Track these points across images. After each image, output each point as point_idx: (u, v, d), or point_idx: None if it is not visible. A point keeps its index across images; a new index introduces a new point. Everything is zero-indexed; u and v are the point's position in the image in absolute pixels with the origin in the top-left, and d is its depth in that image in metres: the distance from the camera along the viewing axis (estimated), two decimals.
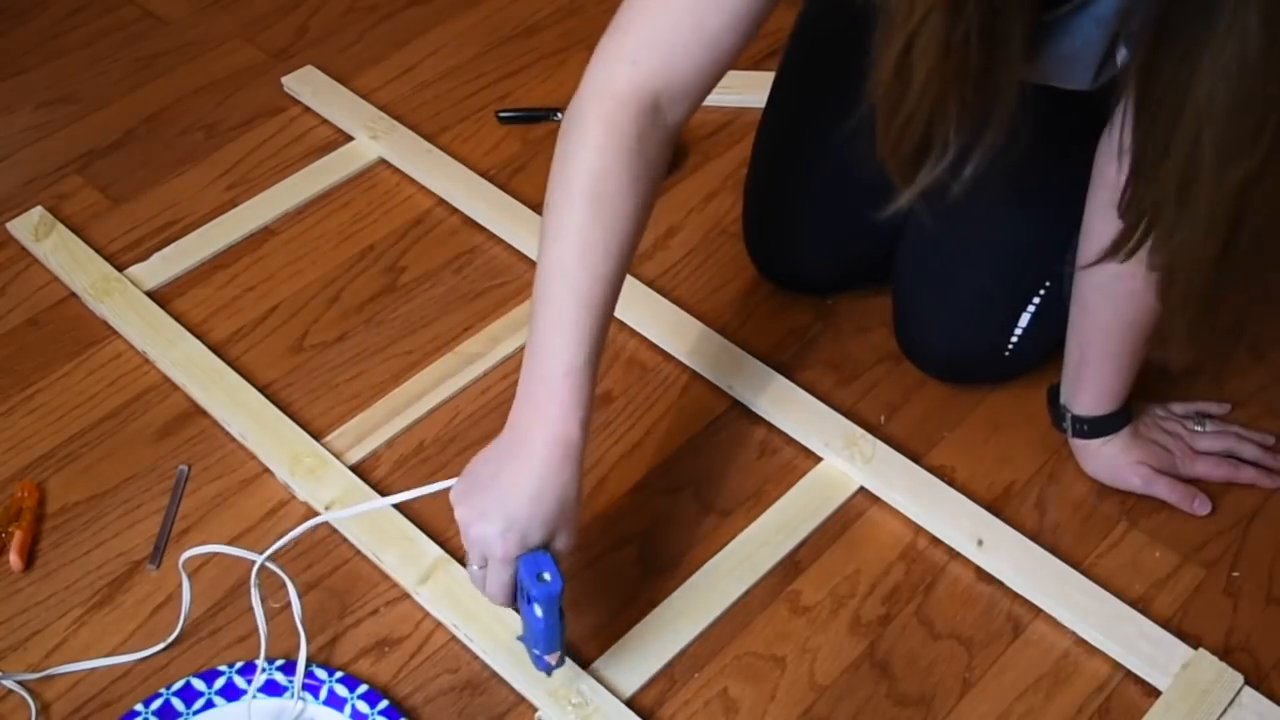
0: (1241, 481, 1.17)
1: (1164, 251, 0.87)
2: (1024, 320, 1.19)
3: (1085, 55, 0.93)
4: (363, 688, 1.03)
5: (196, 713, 1.03)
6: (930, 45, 0.80)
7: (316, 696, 1.04)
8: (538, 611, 0.92)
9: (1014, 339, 1.20)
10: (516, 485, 0.91)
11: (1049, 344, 1.21)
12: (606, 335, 0.95)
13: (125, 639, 1.08)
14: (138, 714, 1.01)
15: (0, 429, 1.25)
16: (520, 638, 1.00)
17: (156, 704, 1.02)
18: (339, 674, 1.04)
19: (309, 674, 1.03)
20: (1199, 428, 1.19)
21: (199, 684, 1.03)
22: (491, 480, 0.92)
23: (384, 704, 1.02)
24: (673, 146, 1.00)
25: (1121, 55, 0.91)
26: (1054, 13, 0.90)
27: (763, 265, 1.35)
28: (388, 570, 1.11)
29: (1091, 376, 1.13)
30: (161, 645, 1.07)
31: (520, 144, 1.53)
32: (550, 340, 0.93)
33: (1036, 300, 1.19)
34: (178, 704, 1.02)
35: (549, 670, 0.98)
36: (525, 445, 0.92)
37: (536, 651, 0.97)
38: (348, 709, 1.02)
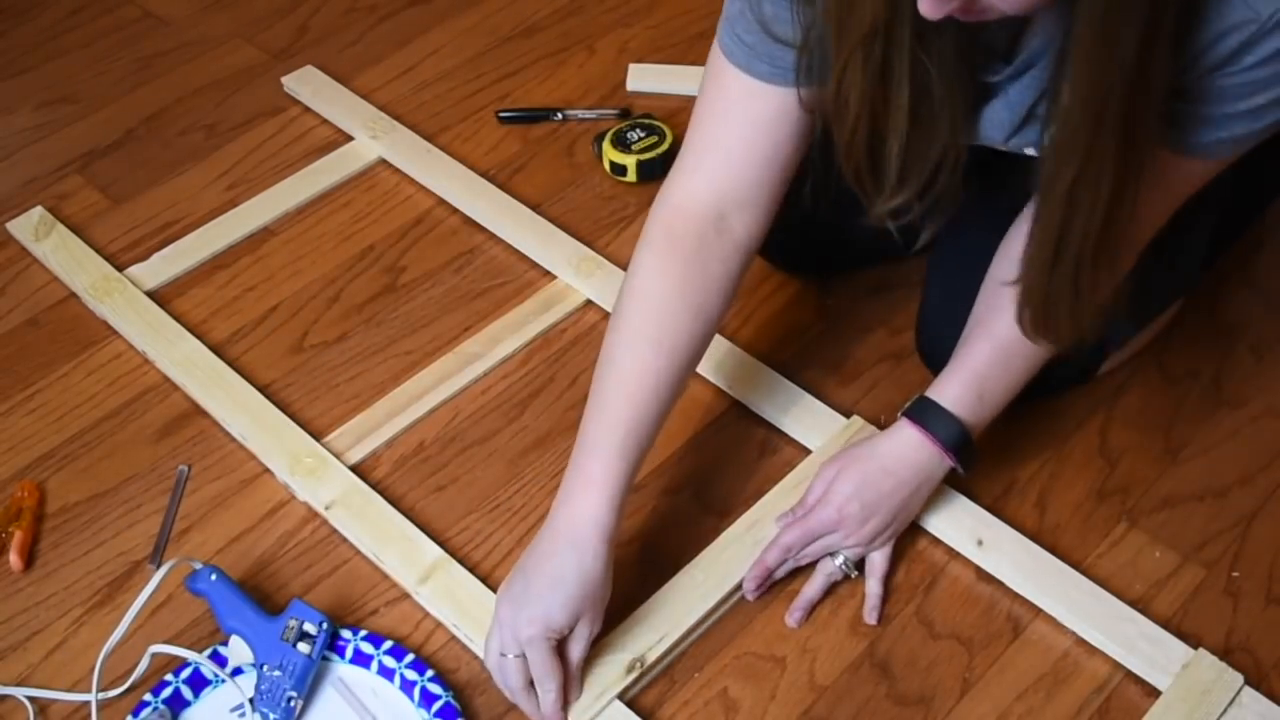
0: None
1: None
2: None
3: (1004, 119, 0.97)
4: (388, 643, 1.05)
5: (232, 674, 1.04)
6: (856, 77, 0.89)
7: (343, 656, 1.05)
8: None
9: None
10: (540, 571, 0.97)
11: (1064, 376, 1.19)
12: (651, 433, 1.03)
13: (125, 639, 1.08)
14: (147, 704, 1.02)
15: (0, 429, 1.25)
16: None
17: (166, 692, 1.02)
18: (363, 632, 1.05)
19: (337, 635, 1.05)
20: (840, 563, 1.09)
21: (226, 651, 1.05)
22: (520, 571, 0.99)
23: (410, 657, 1.03)
24: (745, 258, 1.05)
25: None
26: (991, 78, 0.95)
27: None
28: (388, 570, 1.11)
29: (964, 363, 1.08)
30: None
31: (520, 144, 1.53)
32: (591, 443, 1.00)
33: None
34: (207, 671, 1.03)
35: None
36: (548, 530, 0.99)
37: None
38: (374, 664, 1.04)
